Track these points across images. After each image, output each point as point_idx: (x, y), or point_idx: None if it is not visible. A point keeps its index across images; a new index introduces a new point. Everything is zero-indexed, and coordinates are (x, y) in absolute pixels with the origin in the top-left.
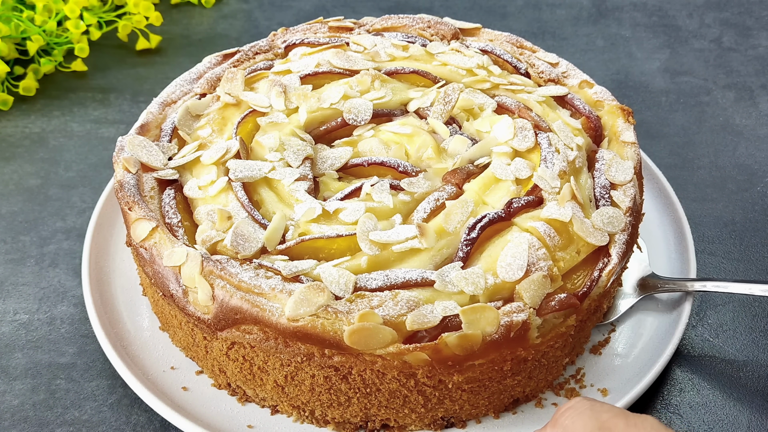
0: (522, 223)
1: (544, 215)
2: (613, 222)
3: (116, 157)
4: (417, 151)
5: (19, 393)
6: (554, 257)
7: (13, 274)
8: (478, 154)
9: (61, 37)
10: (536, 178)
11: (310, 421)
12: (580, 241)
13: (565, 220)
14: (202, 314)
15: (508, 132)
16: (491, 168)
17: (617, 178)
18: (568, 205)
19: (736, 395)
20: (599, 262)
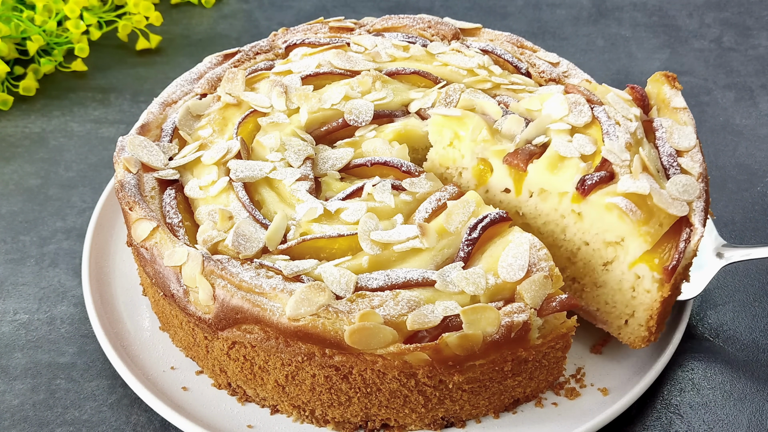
0: (599, 201)
1: (621, 190)
2: (689, 190)
3: (117, 157)
4: (471, 133)
5: (19, 393)
6: (639, 232)
7: (13, 274)
8: (535, 133)
9: (61, 37)
10: (605, 153)
11: (310, 420)
12: (661, 213)
13: (644, 192)
14: (202, 314)
15: (562, 108)
16: (553, 146)
17: (681, 144)
18: (643, 177)
19: (737, 395)
20: (682, 233)
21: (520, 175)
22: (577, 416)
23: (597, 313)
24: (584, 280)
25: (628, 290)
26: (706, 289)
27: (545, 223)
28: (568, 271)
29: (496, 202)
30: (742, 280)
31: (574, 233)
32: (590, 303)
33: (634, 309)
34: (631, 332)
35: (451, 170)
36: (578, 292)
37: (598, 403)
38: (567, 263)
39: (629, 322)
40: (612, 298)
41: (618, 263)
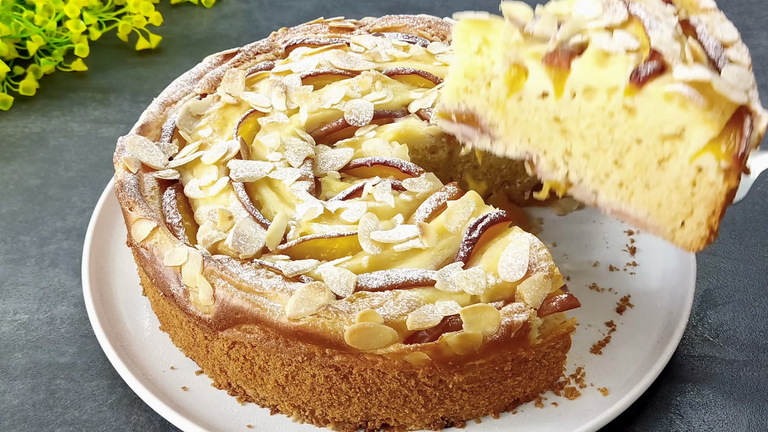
0: (657, 90)
1: (680, 77)
2: (743, 78)
3: (117, 157)
4: (503, 37)
5: (19, 393)
6: (704, 119)
7: (13, 274)
8: (570, 33)
9: (61, 37)
10: (655, 43)
11: (310, 420)
12: (722, 101)
13: (705, 79)
14: (202, 314)
15: (595, 8)
16: (595, 42)
17: (725, 37)
18: (697, 66)
19: (737, 395)
20: (744, 121)
21: (562, 74)
22: (577, 416)
23: (647, 219)
24: (633, 184)
25: (687, 187)
26: (706, 289)
27: (590, 126)
28: (613, 176)
29: (530, 110)
30: (742, 280)
31: (624, 132)
32: (639, 208)
33: (694, 207)
34: (689, 234)
35: (478, 82)
36: (625, 198)
37: (598, 403)
38: (613, 167)
39: (686, 223)
40: (667, 198)
41: (676, 158)
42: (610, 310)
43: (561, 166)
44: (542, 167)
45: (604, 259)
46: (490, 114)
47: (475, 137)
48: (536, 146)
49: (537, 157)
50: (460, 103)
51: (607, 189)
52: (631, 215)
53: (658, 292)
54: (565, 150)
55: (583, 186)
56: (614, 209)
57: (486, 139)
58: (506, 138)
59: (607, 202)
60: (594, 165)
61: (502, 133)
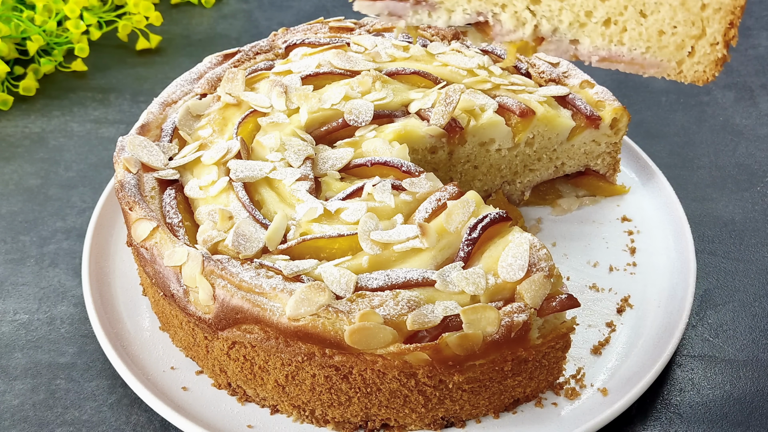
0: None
1: None
2: None
3: (117, 157)
4: None
5: (19, 393)
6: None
7: (13, 274)
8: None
9: (61, 37)
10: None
11: (310, 420)
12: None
13: None
14: (202, 314)
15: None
16: None
17: None
18: None
19: (737, 395)
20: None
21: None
22: (577, 416)
23: (645, 57)
24: (625, 15)
25: (695, 0)
26: (705, 289)
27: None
28: (597, 13)
29: None
30: (742, 280)
31: None
32: (635, 45)
33: (705, 23)
34: (700, 61)
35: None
36: (614, 37)
37: (597, 403)
38: (597, 2)
39: (696, 48)
40: (670, 22)
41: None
42: (610, 310)
43: (527, 19)
44: (503, 27)
45: (604, 259)
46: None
47: (408, 11)
48: (491, 1)
49: (493, 16)
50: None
51: (590, 32)
52: (625, 57)
53: (658, 292)
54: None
55: (559, 37)
56: (602, 56)
57: (423, 9)
58: (449, 2)
59: (593, 49)
60: (571, 5)
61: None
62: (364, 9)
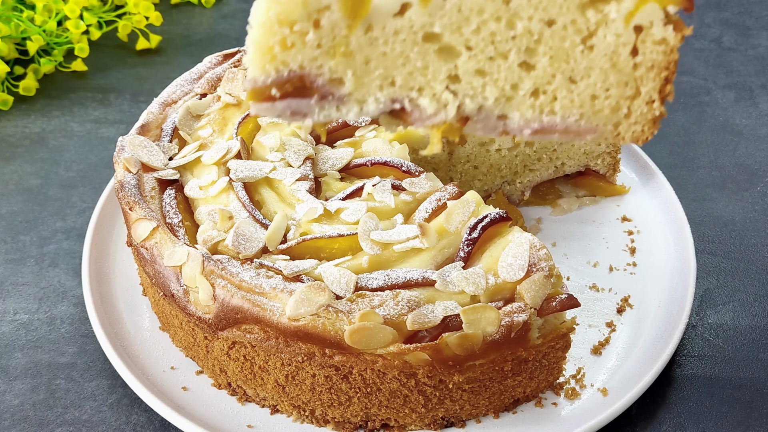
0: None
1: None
2: None
3: (117, 157)
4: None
5: (19, 393)
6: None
7: (13, 274)
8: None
9: (61, 37)
10: None
11: (310, 420)
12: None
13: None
14: (203, 314)
15: None
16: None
17: None
18: None
19: (736, 395)
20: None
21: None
22: (577, 416)
23: (580, 123)
24: (553, 84)
25: (626, 61)
26: (705, 289)
27: (479, 28)
28: (524, 85)
29: (388, 38)
30: (742, 280)
31: (529, 17)
32: (567, 113)
33: (639, 83)
34: (638, 120)
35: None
36: (545, 108)
37: (597, 403)
38: (521, 73)
39: (632, 108)
40: (602, 85)
41: (605, 28)
42: (610, 310)
43: (449, 100)
44: (422, 112)
45: (604, 259)
46: (328, 67)
47: (313, 109)
48: (406, 86)
49: (410, 101)
50: (279, 68)
51: (518, 105)
52: (558, 127)
53: (658, 292)
54: (450, 75)
55: (486, 114)
56: (534, 128)
57: (330, 104)
58: (359, 93)
59: (523, 123)
60: (495, 80)
61: (351, 87)
62: (262, 112)
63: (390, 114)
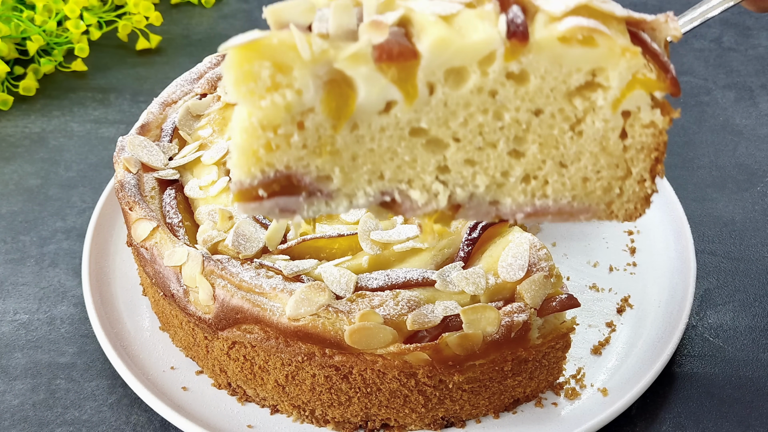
0: (549, 35)
1: (560, 10)
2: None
3: (117, 157)
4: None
5: (19, 393)
6: (620, 50)
7: (13, 274)
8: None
9: (61, 37)
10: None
11: (310, 420)
12: (611, 21)
13: (584, 1)
14: (203, 314)
15: None
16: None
17: None
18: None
19: (737, 395)
20: (639, 35)
21: (408, 68)
22: (577, 416)
23: (573, 204)
24: (544, 170)
25: (616, 144)
26: (705, 289)
27: (466, 121)
28: (515, 172)
29: (374, 135)
30: (742, 280)
31: (516, 108)
32: (560, 197)
33: (630, 164)
34: (629, 199)
35: (285, 128)
36: (537, 193)
37: (597, 403)
38: (511, 161)
39: (624, 188)
40: (593, 168)
41: (594, 114)
42: (610, 310)
43: (439, 190)
44: (412, 202)
45: (604, 259)
46: (314, 165)
47: (302, 206)
48: (395, 179)
49: (400, 193)
50: (264, 170)
51: (510, 191)
52: (551, 209)
53: (658, 292)
54: (439, 166)
55: (477, 201)
56: (527, 212)
57: (319, 200)
58: (347, 188)
59: (516, 208)
60: (485, 169)
61: (339, 183)
62: (250, 212)
63: (380, 205)
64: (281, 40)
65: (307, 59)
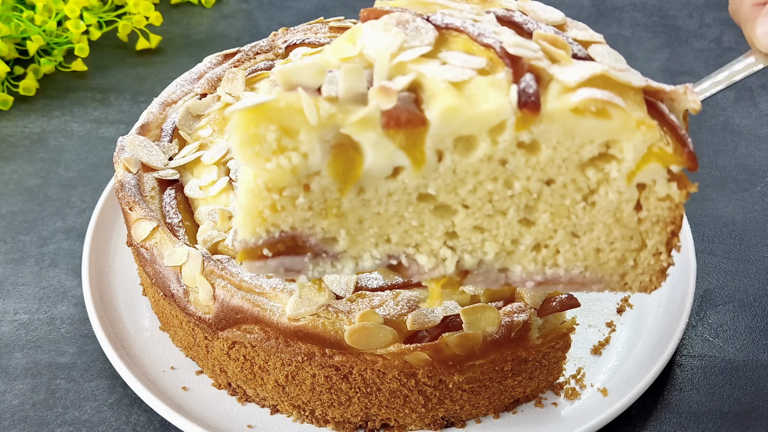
0: (561, 106)
1: (574, 81)
2: (617, 57)
3: (117, 157)
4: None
5: (19, 393)
6: (635, 122)
7: (13, 274)
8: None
9: (61, 37)
10: (513, 49)
11: (310, 420)
12: (628, 92)
13: (600, 71)
14: (203, 314)
15: (392, 35)
16: (432, 76)
17: (555, 18)
18: (574, 61)
19: (737, 395)
20: (657, 106)
21: (416, 135)
22: (577, 416)
23: (585, 275)
24: (555, 239)
25: (630, 216)
26: (705, 289)
27: (475, 188)
28: (525, 240)
29: (381, 199)
30: (742, 280)
31: (526, 178)
32: (571, 266)
33: (645, 237)
34: (644, 272)
35: (291, 190)
36: (548, 262)
37: (597, 403)
38: (521, 229)
39: (639, 260)
40: (606, 239)
41: (607, 186)
42: (610, 310)
43: (447, 256)
44: (420, 267)
45: None
46: (320, 227)
47: (307, 267)
48: (402, 243)
49: (407, 257)
50: (269, 230)
51: (520, 259)
52: (563, 278)
53: (658, 292)
54: (447, 232)
55: (486, 268)
56: (537, 281)
57: (324, 262)
58: (353, 250)
59: (526, 276)
60: (494, 236)
61: (345, 245)
62: (255, 271)
63: (388, 267)
64: (288, 103)
65: (314, 124)
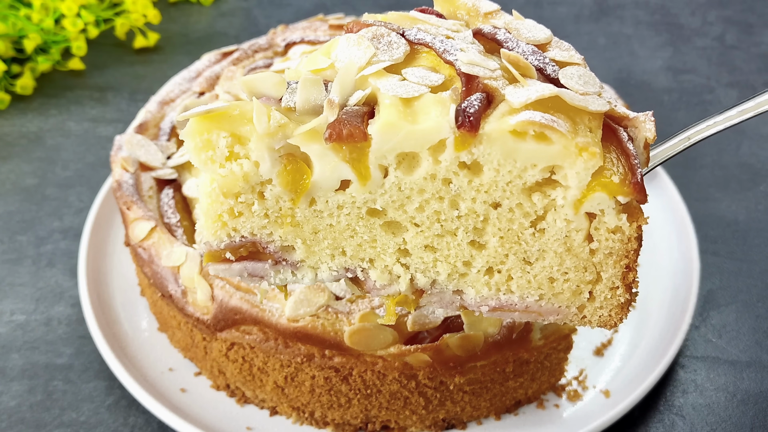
0: (500, 128)
1: (520, 102)
2: (588, 80)
3: (114, 156)
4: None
5: (16, 394)
6: (577, 148)
7: (10, 275)
8: (346, 90)
9: (58, 36)
10: (466, 68)
11: (310, 422)
12: (583, 117)
13: (549, 94)
14: (201, 315)
15: (363, 48)
16: (386, 91)
17: (537, 37)
18: (531, 81)
19: (740, 396)
20: (618, 133)
21: (360, 149)
22: (579, 418)
23: (541, 304)
24: (507, 264)
25: (582, 245)
26: (709, 290)
27: (422, 206)
28: (476, 263)
29: (332, 211)
30: (745, 280)
31: (472, 199)
32: (526, 293)
33: (599, 267)
34: (602, 306)
35: (246, 197)
36: (501, 287)
37: (600, 404)
38: (472, 251)
39: (595, 293)
40: (559, 268)
41: (556, 212)
42: None
43: (400, 272)
44: (375, 282)
45: None
46: (277, 234)
47: (269, 273)
48: (356, 257)
49: (363, 271)
50: (230, 234)
51: (473, 282)
52: (518, 306)
53: (661, 292)
54: (399, 249)
55: (440, 288)
56: (492, 306)
57: (284, 269)
58: (311, 260)
59: (480, 299)
60: (445, 256)
61: (302, 254)
62: (220, 273)
63: (351, 280)
64: (242, 111)
65: (262, 132)
